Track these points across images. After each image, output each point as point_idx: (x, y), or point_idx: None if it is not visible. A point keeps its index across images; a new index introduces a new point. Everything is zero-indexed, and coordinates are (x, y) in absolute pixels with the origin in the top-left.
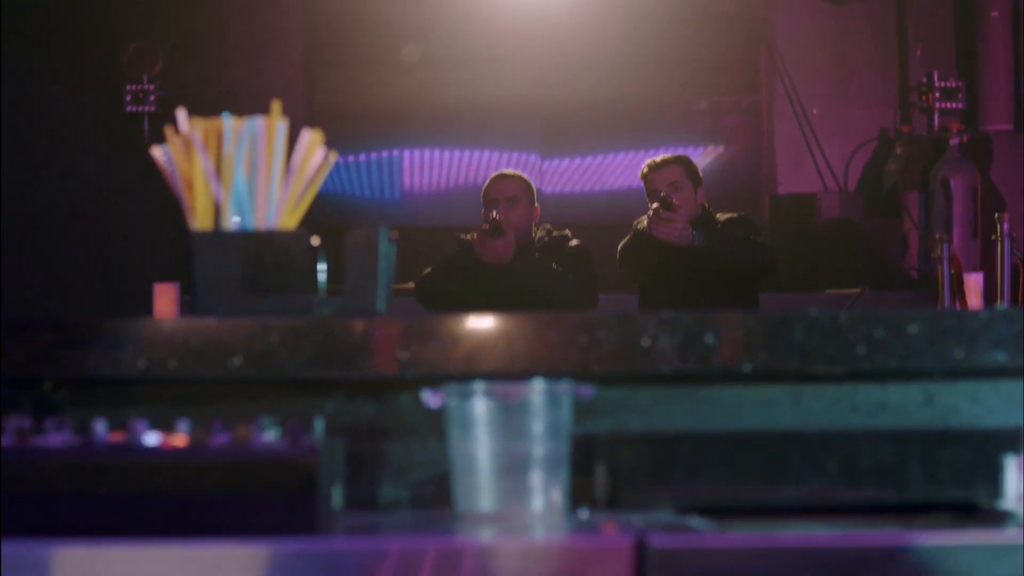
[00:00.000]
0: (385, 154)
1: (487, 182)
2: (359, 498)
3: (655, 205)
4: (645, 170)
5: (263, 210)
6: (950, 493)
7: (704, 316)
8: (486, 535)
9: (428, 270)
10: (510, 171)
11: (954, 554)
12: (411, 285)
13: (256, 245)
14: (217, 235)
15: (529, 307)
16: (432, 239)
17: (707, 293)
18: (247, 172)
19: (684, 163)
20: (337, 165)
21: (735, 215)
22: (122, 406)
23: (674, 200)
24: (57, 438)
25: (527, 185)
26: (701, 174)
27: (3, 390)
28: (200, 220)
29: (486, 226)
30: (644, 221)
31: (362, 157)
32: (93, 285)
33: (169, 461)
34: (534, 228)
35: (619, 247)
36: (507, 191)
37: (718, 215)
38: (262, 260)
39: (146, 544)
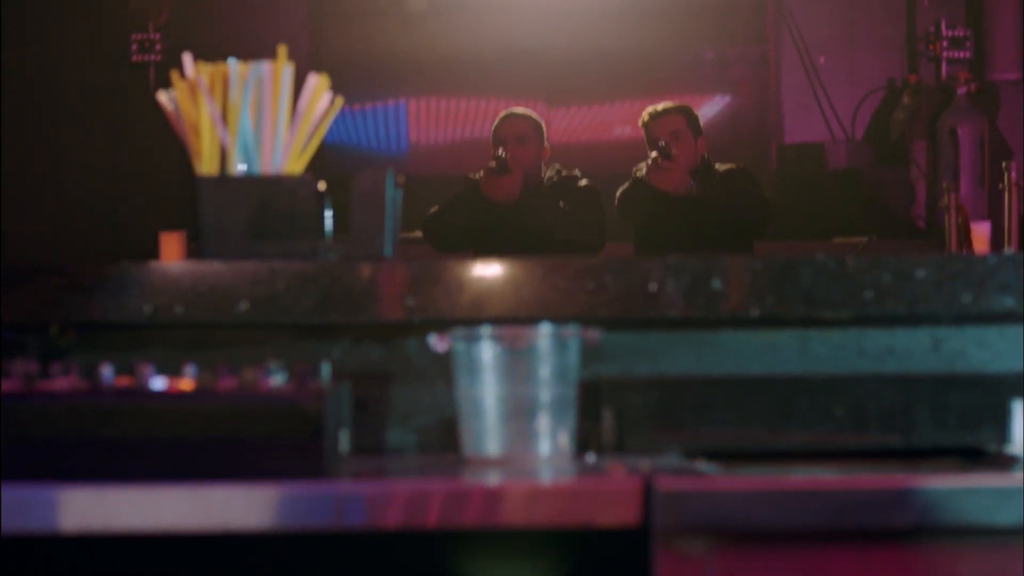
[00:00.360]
0: (391, 104)
1: (497, 120)
2: (366, 443)
3: (654, 154)
4: (646, 118)
5: (269, 155)
6: (957, 438)
7: (711, 261)
8: (493, 478)
9: (435, 208)
10: (520, 109)
11: (960, 497)
12: (418, 234)
13: (262, 190)
14: (223, 180)
15: (536, 246)
16: (439, 188)
17: (702, 244)
18: (253, 117)
19: (685, 112)
20: (343, 115)
21: (735, 166)
22: (129, 351)
23: (674, 150)
24: (63, 382)
25: (537, 124)
26: (702, 124)
27: (10, 335)
28: (206, 165)
29: (493, 164)
30: (643, 169)
31: (368, 107)
32: (100, 234)
33: (176, 405)
34: (544, 167)
35: (617, 194)
36: (516, 130)
37: (718, 165)
38: (268, 205)
39: (153, 487)
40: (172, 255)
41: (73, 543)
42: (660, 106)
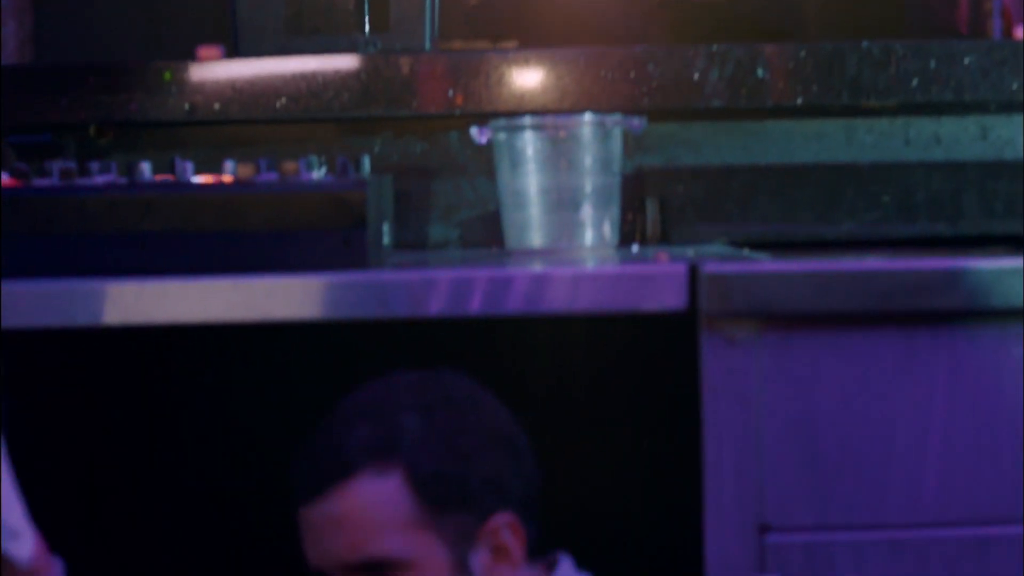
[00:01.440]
0: None
1: None
2: (408, 238)
3: None
4: None
5: None
6: (1004, 226)
7: (755, 49)
8: (537, 266)
9: None
10: None
11: (1008, 279)
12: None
13: None
14: None
15: None
16: None
17: None
18: None
19: None
20: None
21: None
22: (167, 150)
23: None
24: (103, 179)
25: None
26: None
27: (48, 136)
28: None
29: None
30: None
31: None
32: (136, 50)
33: (216, 196)
34: None
35: None
36: None
37: None
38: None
39: (195, 280)
40: None
41: (117, 336)
42: None
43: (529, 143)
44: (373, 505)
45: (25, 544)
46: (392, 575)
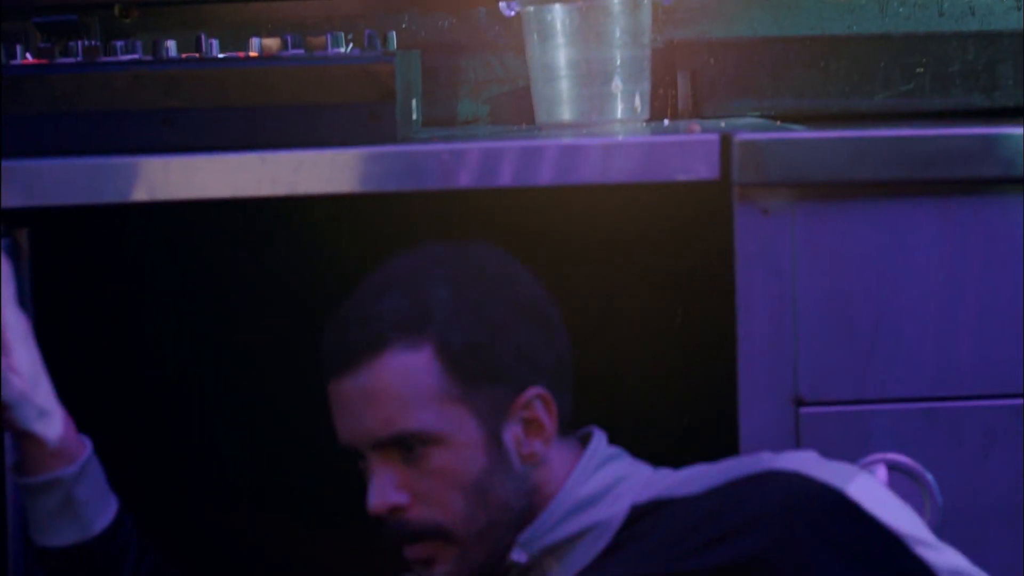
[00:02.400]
0: None
1: None
2: (436, 115)
3: None
4: None
5: None
6: None
7: None
8: (567, 138)
9: None
10: None
11: None
12: None
13: None
14: None
15: None
16: None
17: None
18: None
19: None
20: None
21: None
22: (193, 28)
23: None
24: (128, 58)
25: None
26: None
27: (72, 15)
28: None
29: None
30: None
31: None
32: None
33: (243, 71)
34: None
35: None
36: None
37: None
38: None
39: (222, 155)
40: None
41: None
42: None
43: (558, 16)
44: (404, 379)
45: (53, 423)
46: (424, 450)
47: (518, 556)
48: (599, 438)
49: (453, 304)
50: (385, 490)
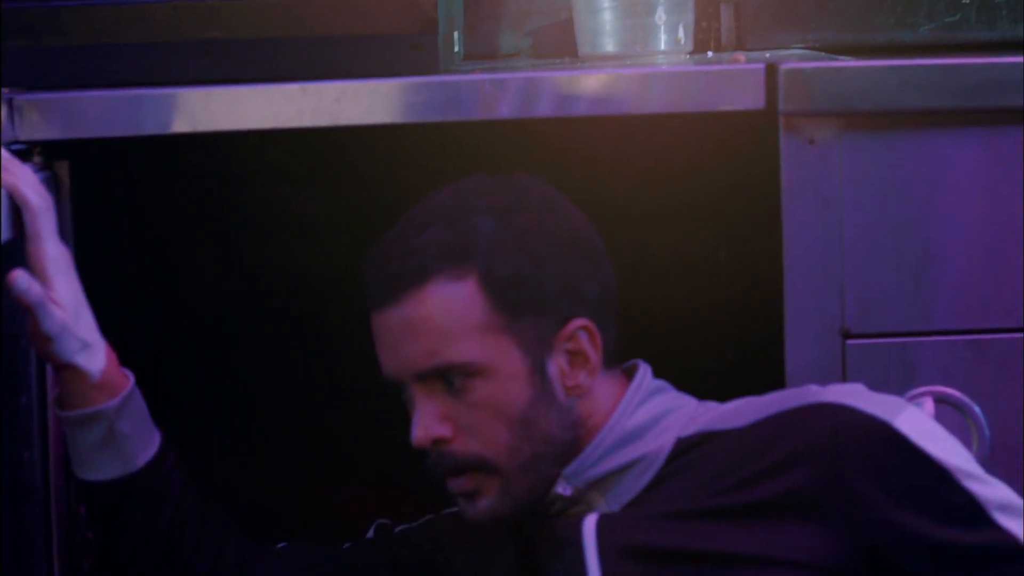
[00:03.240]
0: None
1: None
2: (478, 48)
3: None
4: None
5: None
6: None
7: None
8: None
9: None
10: None
11: None
12: None
13: None
14: None
15: None
16: None
17: None
18: None
19: None
20: None
21: None
22: None
23: None
24: None
25: None
26: None
27: None
28: None
29: None
30: None
31: None
32: None
33: (285, 1)
34: None
35: None
36: None
37: None
38: None
39: (264, 86)
40: None
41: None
42: None
43: None
44: (447, 310)
45: (95, 355)
46: (468, 381)
47: (563, 489)
48: (644, 371)
49: (497, 235)
50: (428, 422)
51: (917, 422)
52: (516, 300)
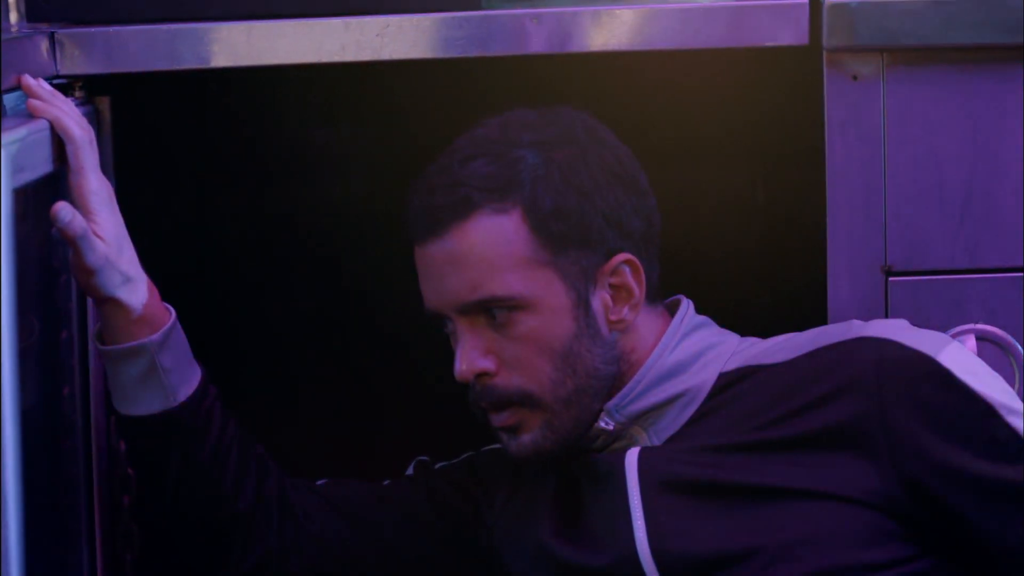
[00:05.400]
0: None
1: None
2: None
3: None
4: None
5: None
6: None
7: None
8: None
9: None
10: None
11: None
12: None
13: None
14: None
15: None
16: None
17: None
18: None
19: None
20: None
21: None
22: None
23: None
24: None
25: None
26: None
27: None
28: None
29: None
30: None
31: None
32: None
33: None
34: None
35: None
36: None
37: None
38: None
39: (305, 21)
40: None
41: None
42: None
43: None
44: (491, 242)
45: (137, 289)
46: (511, 315)
47: (605, 423)
48: (687, 306)
49: (541, 168)
50: (472, 356)
51: (961, 357)
52: (560, 233)
